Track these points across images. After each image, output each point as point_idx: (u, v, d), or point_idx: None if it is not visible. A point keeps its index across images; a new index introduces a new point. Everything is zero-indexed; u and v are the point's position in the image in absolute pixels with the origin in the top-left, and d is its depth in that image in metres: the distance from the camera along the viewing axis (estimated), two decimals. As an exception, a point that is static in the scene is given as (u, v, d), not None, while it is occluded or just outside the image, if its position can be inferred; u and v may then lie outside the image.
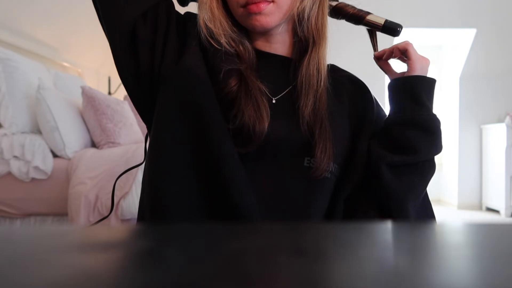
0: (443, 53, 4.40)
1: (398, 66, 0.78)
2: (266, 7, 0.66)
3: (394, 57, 0.76)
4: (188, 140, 0.65)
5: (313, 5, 0.70)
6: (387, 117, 0.75)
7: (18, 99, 2.10)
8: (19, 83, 2.12)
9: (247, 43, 0.71)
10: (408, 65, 0.73)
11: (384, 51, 0.77)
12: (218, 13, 0.69)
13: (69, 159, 1.99)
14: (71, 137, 2.04)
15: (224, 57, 0.68)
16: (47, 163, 1.94)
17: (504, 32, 3.79)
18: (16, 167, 1.91)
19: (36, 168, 1.91)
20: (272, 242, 0.25)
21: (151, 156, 0.69)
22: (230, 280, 0.17)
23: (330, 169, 0.68)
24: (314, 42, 0.70)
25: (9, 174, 1.93)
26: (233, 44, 0.70)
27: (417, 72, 0.71)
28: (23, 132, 2.08)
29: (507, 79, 4.10)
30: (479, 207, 4.13)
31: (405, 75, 0.73)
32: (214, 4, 0.69)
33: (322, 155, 0.65)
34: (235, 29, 0.70)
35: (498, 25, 3.74)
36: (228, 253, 0.22)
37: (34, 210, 1.95)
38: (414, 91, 0.71)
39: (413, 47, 0.73)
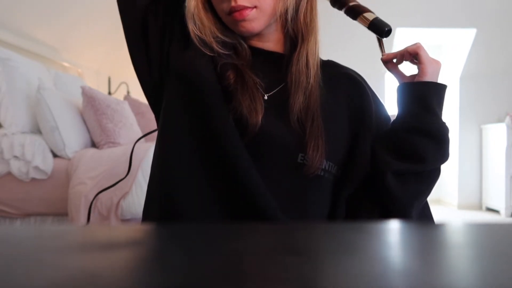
0: (443, 53, 4.40)
1: (406, 68, 0.76)
2: (250, 14, 0.66)
3: (405, 60, 0.74)
4: (194, 131, 0.66)
5: (300, 1, 0.70)
6: (395, 121, 0.73)
7: (18, 99, 2.10)
8: (19, 83, 2.12)
9: (242, 43, 0.72)
10: (419, 69, 0.71)
11: (393, 54, 0.75)
12: (207, 21, 0.70)
13: (69, 159, 1.99)
14: (71, 137, 2.03)
15: (219, 55, 0.69)
16: (47, 163, 1.94)
17: (504, 32, 3.79)
18: (16, 167, 1.91)
19: (36, 168, 1.90)
20: (272, 242, 0.25)
21: (160, 149, 0.70)
22: (230, 280, 0.17)
23: (324, 167, 0.67)
24: (303, 37, 0.70)
25: (9, 174, 1.93)
26: (226, 49, 0.70)
27: (429, 76, 0.70)
28: (23, 132, 2.08)
29: (507, 79, 4.10)
30: (479, 207, 4.13)
31: (416, 79, 0.71)
32: (202, 14, 0.69)
33: (314, 152, 0.65)
34: (227, 33, 0.71)
35: (498, 25, 3.74)
36: (228, 253, 0.22)
37: (34, 210, 1.95)
38: (425, 98, 0.69)
39: (424, 50, 0.71)
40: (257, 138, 0.64)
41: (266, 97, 0.69)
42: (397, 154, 0.70)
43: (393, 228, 0.32)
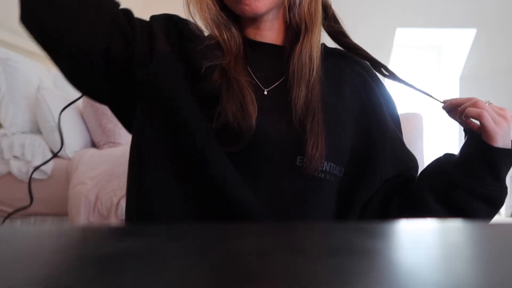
0: (443, 53, 4.40)
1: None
2: None
3: (464, 118, 0.67)
4: (167, 143, 0.62)
5: None
6: (453, 167, 0.68)
7: (18, 99, 2.10)
8: (19, 83, 2.12)
9: (234, 30, 0.67)
10: (484, 136, 0.64)
11: (456, 102, 0.68)
12: None
13: (69, 159, 1.99)
14: (71, 137, 2.04)
15: (203, 53, 0.64)
16: (47, 163, 1.94)
17: (504, 32, 3.79)
18: (16, 167, 1.91)
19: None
20: (271, 242, 0.25)
21: (133, 163, 0.66)
22: (228, 281, 0.17)
23: (324, 169, 0.63)
24: (306, 28, 0.67)
25: (9, 174, 1.93)
26: (217, 32, 0.66)
27: (499, 140, 0.63)
28: (23, 132, 2.08)
29: (507, 79, 4.10)
30: (479, 207, 4.13)
31: (484, 139, 0.64)
32: None
33: (313, 151, 0.60)
34: (222, 14, 0.66)
35: (498, 25, 3.74)
36: (227, 253, 0.22)
37: (34, 210, 1.95)
38: (495, 165, 0.64)
39: (487, 115, 0.62)
40: (254, 140, 0.60)
41: (266, 92, 0.65)
42: (448, 208, 0.67)
43: (393, 228, 0.32)
